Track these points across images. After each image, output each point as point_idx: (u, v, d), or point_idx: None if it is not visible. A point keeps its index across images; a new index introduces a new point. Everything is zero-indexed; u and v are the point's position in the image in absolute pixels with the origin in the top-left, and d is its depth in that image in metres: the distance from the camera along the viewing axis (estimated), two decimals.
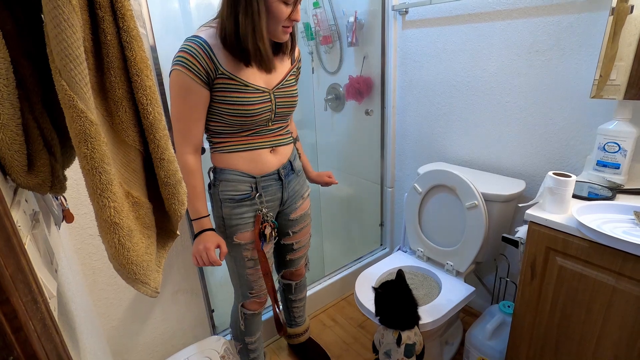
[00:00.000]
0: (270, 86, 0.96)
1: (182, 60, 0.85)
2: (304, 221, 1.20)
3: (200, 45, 0.85)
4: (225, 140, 0.97)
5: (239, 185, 0.99)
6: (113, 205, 0.40)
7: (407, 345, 1.03)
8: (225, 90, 0.89)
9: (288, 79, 1.01)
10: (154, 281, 0.49)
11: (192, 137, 0.92)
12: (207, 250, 0.95)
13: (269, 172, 1.02)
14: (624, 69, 1.02)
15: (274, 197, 1.06)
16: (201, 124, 0.93)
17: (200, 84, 0.87)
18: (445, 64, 1.50)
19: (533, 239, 0.97)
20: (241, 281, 1.12)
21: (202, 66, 0.85)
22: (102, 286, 1.09)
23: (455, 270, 1.37)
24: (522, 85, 1.29)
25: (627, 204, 0.91)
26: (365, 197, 2.07)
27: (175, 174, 0.47)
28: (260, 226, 1.03)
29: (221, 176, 0.99)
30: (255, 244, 1.03)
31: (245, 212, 1.02)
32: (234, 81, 0.89)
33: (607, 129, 1.06)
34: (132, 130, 0.44)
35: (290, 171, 1.10)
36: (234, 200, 1.00)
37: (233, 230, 1.02)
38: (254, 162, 0.99)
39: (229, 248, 1.04)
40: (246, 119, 0.93)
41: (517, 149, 1.37)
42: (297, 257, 1.27)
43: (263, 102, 0.94)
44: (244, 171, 0.99)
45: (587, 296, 0.89)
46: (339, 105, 2.02)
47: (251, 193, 1.01)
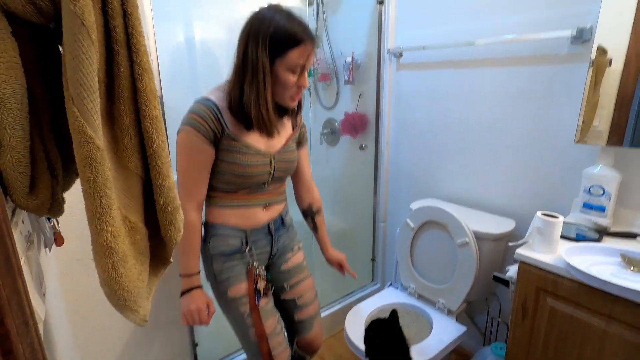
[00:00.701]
0: (271, 150, 0.99)
1: (192, 121, 0.88)
2: (299, 274, 1.16)
3: (210, 108, 0.89)
4: (221, 195, 0.99)
5: (229, 239, 1.00)
6: (110, 229, 0.41)
7: None
8: (228, 150, 0.92)
9: (289, 144, 1.05)
10: (144, 309, 0.48)
11: (197, 194, 0.94)
12: (199, 311, 0.95)
13: (258, 227, 1.03)
14: (605, 116, 1.08)
15: (263, 251, 1.06)
16: (206, 181, 0.95)
17: (207, 144, 0.90)
18: (437, 105, 1.56)
19: (523, 279, 0.98)
20: (250, 346, 1.04)
21: (210, 128, 0.89)
22: (84, 313, 1.05)
23: (447, 309, 1.35)
24: (511, 128, 1.35)
25: (613, 246, 0.93)
26: (358, 231, 2.07)
27: (174, 201, 0.48)
28: (254, 280, 1.01)
29: (212, 231, 1.00)
30: (249, 299, 1.00)
31: (236, 265, 1.01)
32: (237, 143, 0.93)
33: (591, 173, 1.10)
34: (135, 157, 0.45)
35: (281, 225, 1.10)
36: (224, 254, 1.00)
37: (225, 284, 1.00)
38: (245, 218, 1.01)
39: (226, 308, 1.02)
40: (244, 180, 0.96)
41: (507, 189, 1.40)
42: (308, 317, 1.17)
43: (262, 165, 0.97)
44: (235, 225, 1.00)
45: (579, 339, 0.89)
46: (334, 140, 2.07)
47: (242, 247, 1.01)
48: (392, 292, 1.51)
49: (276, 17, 0.86)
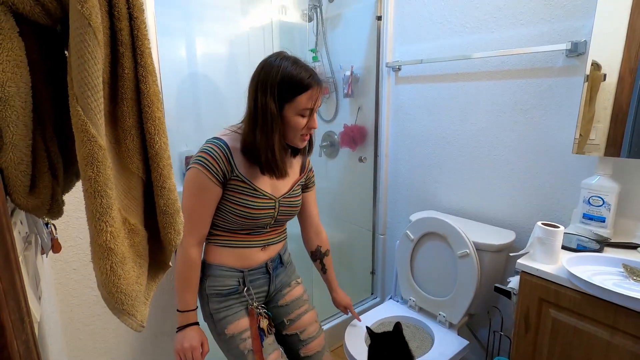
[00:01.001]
0: (277, 194, 1.00)
1: (202, 160, 0.90)
2: (298, 307, 1.13)
3: (221, 148, 0.91)
4: (221, 234, 0.99)
5: (226, 280, 0.99)
6: (110, 230, 0.40)
7: None
8: (235, 191, 0.94)
9: (295, 189, 1.06)
10: (141, 314, 0.47)
11: (200, 230, 0.95)
12: (193, 349, 0.93)
13: (255, 267, 1.03)
14: (602, 130, 1.09)
15: (260, 290, 1.05)
16: (210, 218, 0.96)
17: (215, 183, 0.91)
18: (435, 118, 1.58)
19: (525, 290, 0.96)
20: None
21: (220, 168, 0.90)
22: (78, 325, 1.03)
23: (448, 322, 1.33)
24: (508, 140, 1.36)
25: (615, 256, 0.92)
26: (357, 244, 2.06)
27: (174, 203, 0.48)
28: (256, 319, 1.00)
29: (209, 271, 0.99)
30: (253, 339, 0.98)
31: (233, 305, 1.00)
32: (244, 184, 0.94)
33: (590, 183, 1.10)
34: (137, 158, 0.45)
35: (279, 264, 1.10)
36: (221, 294, 0.99)
37: (223, 323, 0.98)
38: (243, 258, 1.01)
39: (225, 346, 0.99)
40: (247, 220, 0.96)
41: (506, 200, 1.40)
42: (314, 353, 1.12)
43: (267, 209, 0.98)
44: (232, 266, 0.99)
45: (583, 351, 0.87)
46: (333, 152, 2.08)
47: (238, 287, 1.00)
48: (392, 305, 1.48)
49: (283, 64, 0.89)
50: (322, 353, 1.13)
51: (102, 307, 1.06)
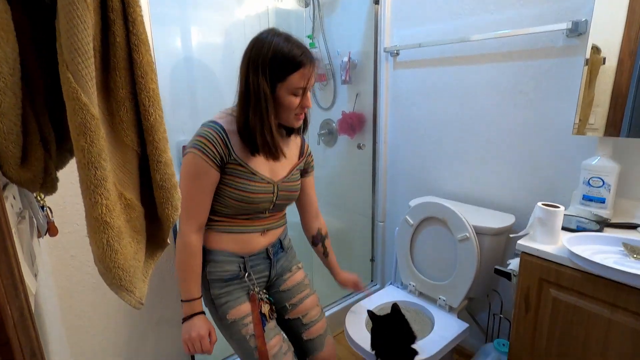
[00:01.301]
0: (275, 178, 0.99)
1: (199, 144, 0.88)
2: (300, 292, 1.13)
3: (217, 132, 0.89)
4: (221, 219, 0.98)
5: (226, 265, 0.98)
6: (105, 202, 0.39)
7: None
8: (233, 175, 0.92)
9: (294, 173, 1.04)
10: (140, 291, 0.47)
11: (198, 216, 0.93)
12: (201, 339, 0.92)
13: (256, 252, 1.02)
14: (601, 114, 1.08)
15: (261, 275, 1.05)
16: (209, 204, 0.94)
17: (213, 167, 0.90)
18: (434, 102, 1.57)
19: (526, 270, 0.96)
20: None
21: (217, 151, 0.89)
22: (77, 312, 1.02)
23: (448, 306, 1.33)
24: (508, 123, 1.35)
25: (615, 235, 0.92)
26: (356, 232, 2.06)
27: (171, 178, 0.47)
28: (257, 304, 0.99)
29: (209, 257, 0.98)
30: (255, 324, 0.97)
31: (235, 290, 0.99)
32: (242, 167, 0.93)
33: (590, 164, 1.10)
34: (131, 130, 0.44)
35: (280, 249, 1.09)
36: (222, 280, 0.98)
37: (224, 308, 0.98)
38: (243, 243, 1.00)
39: (227, 332, 0.99)
40: (246, 205, 0.95)
41: (506, 184, 1.40)
42: (316, 336, 1.12)
43: (266, 193, 0.96)
44: (233, 251, 0.99)
45: (583, 329, 0.87)
46: (331, 140, 2.07)
47: (239, 273, 1.00)
48: (393, 291, 1.49)
49: (275, 40, 0.87)
50: (324, 336, 1.13)
51: (102, 294, 1.06)
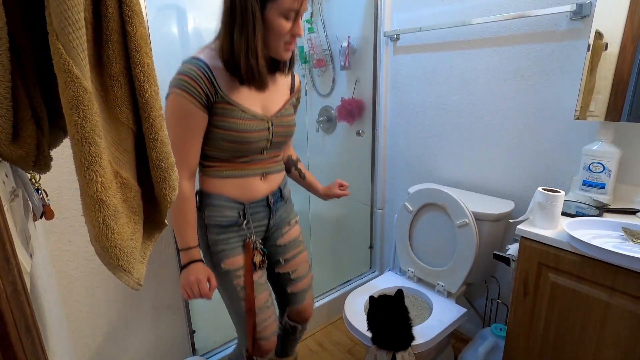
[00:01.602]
0: (268, 114, 0.95)
1: (182, 83, 0.82)
2: (295, 248, 1.14)
3: (201, 68, 0.83)
4: (216, 164, 0.94)
5: (226, 211, 0.96)
6: (100, 180, 0.38)
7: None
8: (222, 115, 0.87)
9: (287, 108, 1.00)
10: (138, 272, 0.46)
11: (189, 162, 0.89)
12: (199, 282, 0.90)
13: (257, 199, 0.99)
14: (601, 101, 1.07)
15: (260, 224, 1.03)
16: (198, 148, 0.90)
17: (199, 108, 0.84)
18: (435, 88, 1.55)
19: (525, 255, 0.96)
20: (240, 318, 1.02)
21: (202, 90, 0.83)
22: (77, 297, 1.02)
23: (447, 291, 1.34)
24: (509, 108, 1.33)
25: (615, 220, 0.92)
26: (355, 219, 2.06)
27: (168, 157, 0.46)
28: (251, 253, 0.98)
29: (208, 201, 0.96)
30: (245, 272, 0.97)
31: (232, 238, 0.97)
32: (232, 106, 0.87)
33: (591, 149, 1.09)
34: (126, 107, 0.43)
35: (279, 198, 1.07)
36: (220, 226, 0.96)
37: (220, 256, 0.97)
38: (243, 189, 0.96)
39: (219, 279, 0.98)
40: (241, 146, 0.91)
41: (506, 170, 1.39)
42: (300, 290, 1.16)
43: (260, 130, 0.92)
44: (232, 197, 0.96)
45: (581, 313, 0.88)
46: (330, 127, 2.05)
47: (238, 219, 0.97)
48: (391, 277, 1.49)
49: None
50: (306, 291, 1.18)
51: (102, 279, 1.06)
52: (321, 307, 1.76)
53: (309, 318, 1.24)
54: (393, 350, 1.00)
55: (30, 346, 0.27)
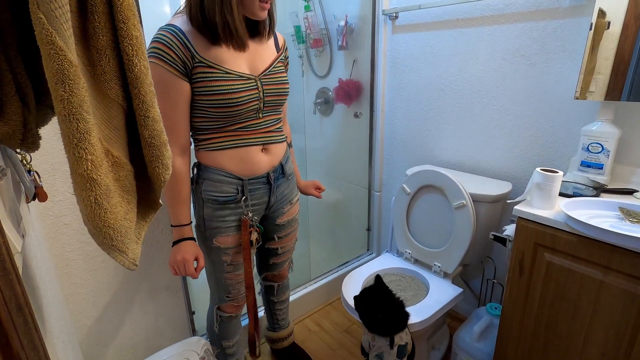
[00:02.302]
0: (256, 72, 0.90)
1: (156, 51, 0.78)
2: (291, 226, 1.15)
3: (173, 33, 0.79)
4: (211, 136, 0.90)
5: (223, 186, 0.93)
6: (90, 158, 0.37)
7: (399, 346, 0.99)
8: (204, 80, 0.83)
9: (276, 66, 0.95)
10: (133, 252, 0.46)
11: (178, 137, 0.86)
12: (185, 262, 0.90)
13: (257, 175, 0.96)
14: (602, 81, 1.06)
15: (260, 201, 1.01)
16: (186, 121, 0.86)
17: (178, 76, 0.80)
18: (434, 68, 1.52)
19: (521, 236, 0.97)
20: (218, 285, 1.06)
21: (177, 56, 0.79)
22: (75, 280, 1.02)
23: (443, 272, 1.35)
24: (509, 88, 1.32)
25: (612, 200, 0.92)
26: (353, 202, 2.06)
27: (160, 135, 0.45)
28: (248, 231, 0.98)
29: (205, 174, 0.92)
30: (244, 251, 0.98)
31: (228, 216, 0.96)
32: (213, 69, 0.83)
33: (590, 129, 1.08)
34: (115, 82, 0.41)
35: (281, 174, 1.03)
36: (217, 202, 0.93)
37: (213, 232, 0.96)
38: (242, 162, 0.93)
39: (208, 251, 0.99)
40: (232, 110, 0.86)
41: (504, 152, 1.39)
42: (281, 261, 1.22)
43: (249, 90, 0.88)
44: (231, 172, 0.92)
45: (575, 292, 0.89)
46: (327, 110, 2.02)
47: (236, 196, 0.94)
48: (388, 258, 1.51)
49: None
50: (286, 261, 1.23)
51: (99, 262, 1.06)
52: (319, 288, 1.78)
53: (284, 279, 1.32)
54: (390, 334, 1.01)
55: (22, 325, 0.27)
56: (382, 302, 1.04)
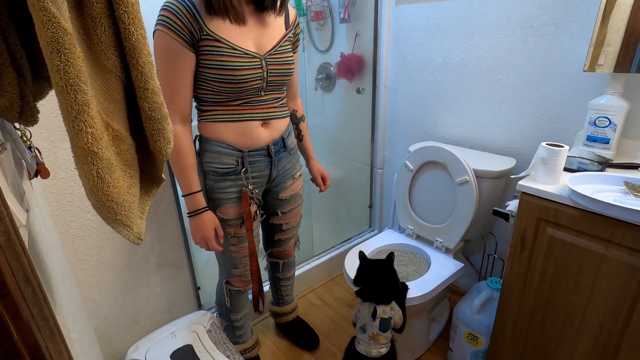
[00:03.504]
0: (262, 51, 0.90)
1: (163, 19, 0.78)
2: (294, 202, 1.16)
3: (182, 3, 0.78)
4: (213, 108, 0.91)
5: (223, 158, 0.94)
6: (90, 131, 0.36)
7: (382, 319, 1.00)
8: (210, 53, 0.83)
9: (283, 44, 0.94)
10: (137, 226, 0.46)
11: (180, 105, 0.86)
12: (207, 240, 0.93)
13: (257, 147, 0.97)
14: (611, 54, 1.03)
15: (261, 174, 1.01)
16: (188, 90, 0.87)
17: (184, 46, 0.80)
18: (438, 42, 1.48)
19: (524, 211, 0.97)
20: (225, 258, 1.08)
21: (185, 26, 0.79)
22: (82, 256, 1.04)
23: (445, 247, 1.37)
24: (516, 61, 1.28)
25: (617, 174, 0.91)
26: (355, 179, 2.06)
27: (160, 108, 0.44)
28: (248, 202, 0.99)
29: (206, 146, 0.94)
30: (245, 222, 0.99)
31: (229, 187, 0.97)
32: (220, 43, 0.83)
33: (598, 103, 1.06)
34: (112, 52, 0.40)
35: (282, 148, 1.03)
36: (217, 173, 0.95)
37: (216, 203, 0.98)
38: (242, 135, 0.93)
39: None
40: (234, 86, 0.87)
41: (509, 127, 1.37)
42: (286, 238, 1.23)
43: (253, 68, 0.88)
44: (231, 143, 0.93)
45: (576, 266, 0.90)
46: (329, 85, 1.98)
47: (236, 167, 0.95)
48: (391, 234, 1.52)
49: None
50: (291, 238, 1.25)
51: (106, 239, 1.07)
52: (322, 264, 1.81)
53: (290, 257, 1.33)
54: (374, 303, 1.02)
55: (31, 295, 0.27)
56: (378, 272, 1.06)
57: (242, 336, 1.26)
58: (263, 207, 1.13)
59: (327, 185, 1.29)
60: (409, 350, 1.35)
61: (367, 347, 1.01)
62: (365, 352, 1.00)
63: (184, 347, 1.06)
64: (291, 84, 1.12)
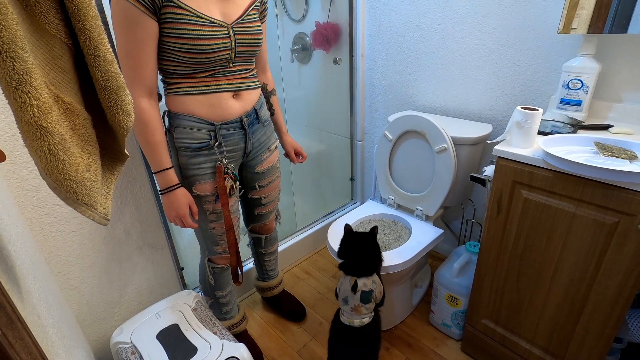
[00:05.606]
0: (228, 20, 0.86)
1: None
2: (271, 175, 1.14)
3: None
4: (180, 81, 0.87)
5: (196, 132, 0.90)
6: (36, 103, 0.33)
7: (363, 292, 1.02)
8: (173, 21, 0.78)
9: (250, 14, 0.91)
10: (102, 206, 0.43)
11: (144, 78, 0.81)
12: (181, 217, 0.91)
13: (229, 120, 0.94)
14: (584, 17, 1.02)
15: (236, 148, 0.99)
16: (152, 62, 0.82)
17: (145, 13, 0.75)
18: (415, 6, 1.44)
19: (500, 175, 0.99)
20: (205, 236, 1.07)
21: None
22: (53, 242, 1.00)
23: (425, 215, 1.39)
24: (491, 25, 1.27)
25: (588, 135, 0.93)
26: (335, 152, 2.04)
27: (115, 77, 0.40)
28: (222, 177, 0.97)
29: (176, 122, 0.90)
30: (221, 197, 0.97)
31: (203, 163, 0.94)
32: (183, 10, 0.78)
33: (571, 65, 1.07)
34: (53, 15, 0.36)
35: (255, 120, 1.01)
36: (190, 149, 0.92)
37: (191, 180, 0.95)
38: (212, 108, 0.90)
39: None
40: (200, 57, 0.83)
41: (485, 93, 1.37)
42: (266, 212, 1.23)
43: (220, 38, 0.84)
44: (202, 117, 0.90)
45: (549, 225, 0.93)
46: (305, 57, 1.93)
47: (210, 142, 0.92)
48: (372, 205, 1.53)
49: None
50: (272, 212, 1.25)
51: (77, 224, 1.03)
52: (306, 238, 1.82)
53: (271, 231, 1.33)
54: (355, 276, 1.04)
55: None
56: (361, 246, 1.07)
57: (228, 312, 1.27)
58: (241, 181, 1.12)
59: (304, 157, 1.27)
60: (393, 316, 1.40)
61: (349, 318, 1.03)
62: (349, 322, 1.03)
63: (170, 326, 1.05)
64: (260, 55, 1.08)
